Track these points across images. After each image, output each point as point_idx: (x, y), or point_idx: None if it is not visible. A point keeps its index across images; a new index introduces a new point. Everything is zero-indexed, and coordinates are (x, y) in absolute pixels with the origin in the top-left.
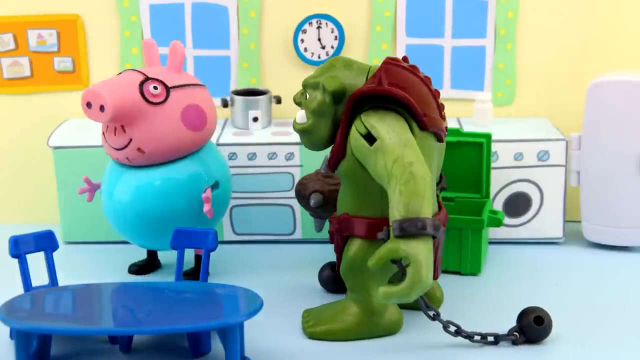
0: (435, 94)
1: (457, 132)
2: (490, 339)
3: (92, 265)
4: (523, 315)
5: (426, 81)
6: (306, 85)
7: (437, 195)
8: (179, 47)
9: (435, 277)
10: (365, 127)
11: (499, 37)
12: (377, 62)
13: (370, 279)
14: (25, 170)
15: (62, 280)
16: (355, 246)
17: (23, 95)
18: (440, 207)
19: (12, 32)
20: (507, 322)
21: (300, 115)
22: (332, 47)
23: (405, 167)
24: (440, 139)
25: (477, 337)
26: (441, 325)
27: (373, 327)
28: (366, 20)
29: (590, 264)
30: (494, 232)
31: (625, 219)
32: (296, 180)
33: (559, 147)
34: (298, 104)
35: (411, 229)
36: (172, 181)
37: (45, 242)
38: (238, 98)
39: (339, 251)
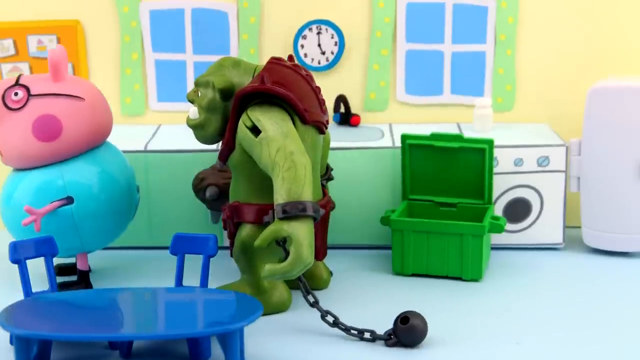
0: (317, 90)
1: (459, 137)
2: (367, 335)
3: (92, 271)
4: (397, 319)
5: (307, 79)
6: (198, 84)
7: (323, 185)
8: (50, 56)
9: (320, 258)
10: (251, 120)
11: (499, 43)
12: (376, 68)
13: (259, 261)
14: None
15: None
16: (245, 231)
17: None
18: (324, 194)
19: (12, 38)
20: (506, 328)
21: (193, 112)
22: (332, 53)
23: (287, 156)
24: (321, 131)
25: (353, 332)
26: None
27: (263, 305)
28: (366, 26)
29: (590, 269)
30: (494, 238)
31: (625, 225)
32: None
33: (559, 152)
34: (191, 101)
35: (293, 211)
36: (76, 184)
37: (45, 247)
38: None
39: (232, 237)
